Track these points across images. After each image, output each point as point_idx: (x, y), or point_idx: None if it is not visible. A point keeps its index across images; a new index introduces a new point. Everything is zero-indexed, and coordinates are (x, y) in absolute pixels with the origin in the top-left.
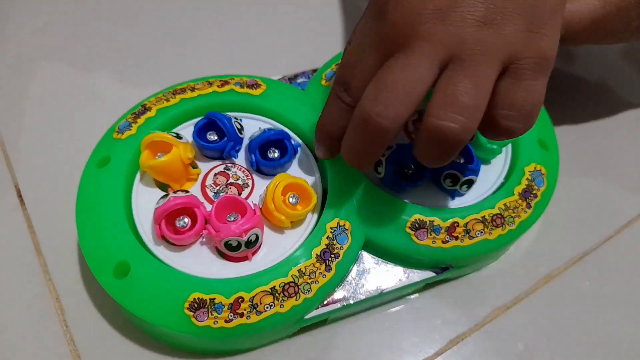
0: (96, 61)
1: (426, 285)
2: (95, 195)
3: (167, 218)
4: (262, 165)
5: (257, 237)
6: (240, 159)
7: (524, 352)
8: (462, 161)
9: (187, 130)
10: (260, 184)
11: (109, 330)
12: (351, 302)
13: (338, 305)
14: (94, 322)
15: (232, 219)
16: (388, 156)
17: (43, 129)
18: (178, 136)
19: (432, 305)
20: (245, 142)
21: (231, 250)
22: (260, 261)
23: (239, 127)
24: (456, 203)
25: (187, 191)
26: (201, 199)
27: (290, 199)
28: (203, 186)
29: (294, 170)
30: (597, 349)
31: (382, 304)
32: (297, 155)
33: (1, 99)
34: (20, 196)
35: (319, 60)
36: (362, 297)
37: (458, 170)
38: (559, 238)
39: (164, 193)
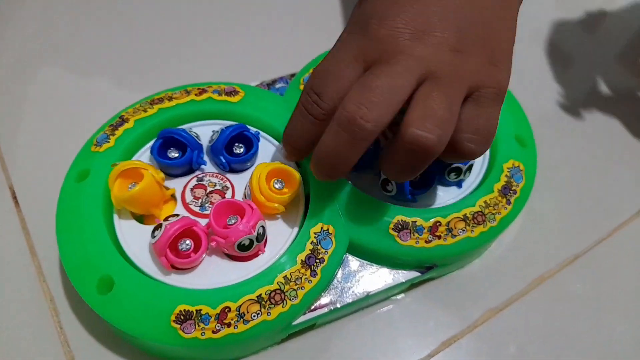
0: (93, 65)
1: (412, 285)
2: (75, 210)
3: (169, 247)
4: (235, 163)
5: (264, 229)
6: (207, 166)
7: (517, 354)
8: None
9: (144, 156)
10: (239, 182)
11: (103, 332)
12: (338, 305)
13: (325, 309)
14: (88, 323)
15: (234, 221)
16: None
17: (38, 131)
18: None
19: (425, 308)
20: (204, 148)
21: (245, 250)
22: (265, 256)
23: (195, 135)
24: (437, 202)
25: (176, 215)
26: (190, 217)
27: (276, 185)
28: (185, 204)
29: (263, 157)
30: (590, 351)
31: (369, 305)
32: (260, 142)
33: None
34: (15, 197)
35: (296, 65)
36: (349, 300)
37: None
38: (552, 240)
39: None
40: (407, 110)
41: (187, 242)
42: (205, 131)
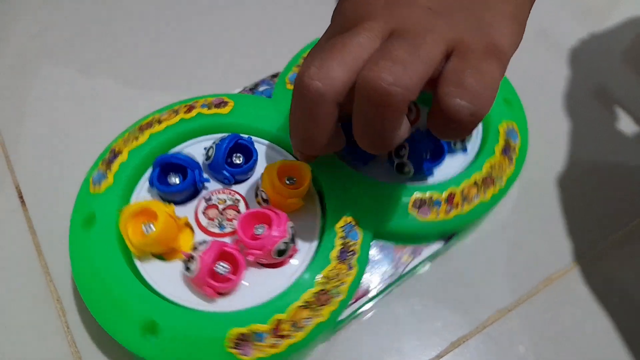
0: (96, 63)
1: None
2: (92, 259)
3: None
4: (239, 174)
5: (293, 228)
6: (209, 183)
7: (526, 355)
8: None
9: (144, 189)
10: (246, 191)
11: None
12: (375, 292)
13: (366, 298)
14: (96, 323)
15: (262, 230)
16: (407, 154)
17: (44, 130)
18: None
19: (433, 308)
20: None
21: (282, 255)
22: (298, 261)
23: (190, 154)
24: (445, 173)
25: (203, 242)
26: (208, 239)
27: (288, 182)
28: (203, 229)
29: (262, 160)
30: (599, 352)
31: (399, 285)
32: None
33: (2, 100)
34: (21, 197)
35: (276, 64)
36: (383, 286)
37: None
38: (561, 240)
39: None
40: None
41: (224, 265)
42: (197, 150)
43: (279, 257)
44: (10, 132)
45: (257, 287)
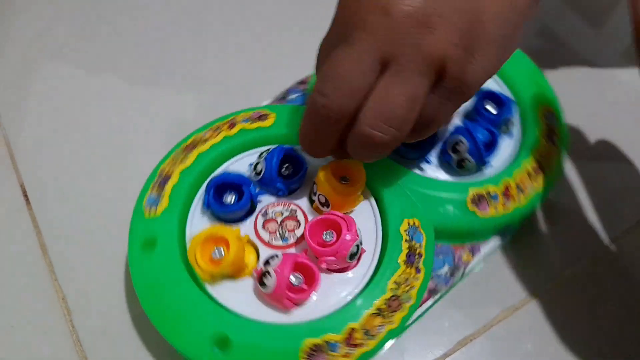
0: (101, 61)
1: None
2: (159, 282)
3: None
4: (293, 184)
5: (359, 230)
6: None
7: (533, 353)
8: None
9: (197, 209)
10: (300, 200)
11: (115, 331)
12: (438, 295)
13: (431, 300)
14: (101, 322)
15: (330, 237)
16: (467, 149)
17: (48, 129)
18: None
19: (440, 307)
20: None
21: (353, 258)
22: (365, 267)
23: (237, 171)
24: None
25: (274, 256)
26: (278, 253)
27: (344, 182)
28: (266, 244)
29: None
30: (607, 350)
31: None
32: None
33: (7, 99)
34: (26, 196)
35: (300, 70)
36: (447, 287)
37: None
38: (567, 239)
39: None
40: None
41: (297, 276)
42: (242, 166)
43: (351, 260)
44: (15, 130)
45: (326, 295)
